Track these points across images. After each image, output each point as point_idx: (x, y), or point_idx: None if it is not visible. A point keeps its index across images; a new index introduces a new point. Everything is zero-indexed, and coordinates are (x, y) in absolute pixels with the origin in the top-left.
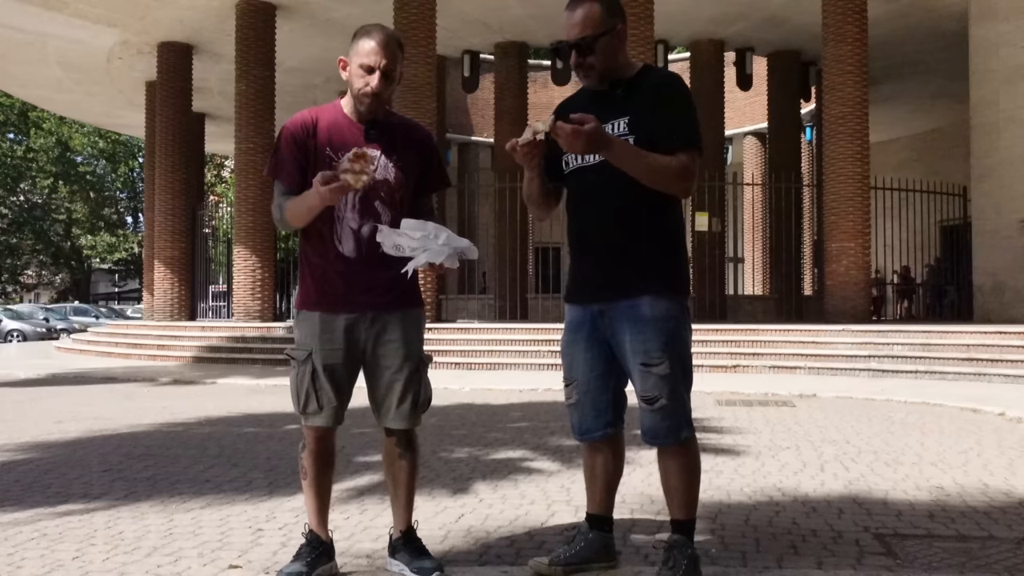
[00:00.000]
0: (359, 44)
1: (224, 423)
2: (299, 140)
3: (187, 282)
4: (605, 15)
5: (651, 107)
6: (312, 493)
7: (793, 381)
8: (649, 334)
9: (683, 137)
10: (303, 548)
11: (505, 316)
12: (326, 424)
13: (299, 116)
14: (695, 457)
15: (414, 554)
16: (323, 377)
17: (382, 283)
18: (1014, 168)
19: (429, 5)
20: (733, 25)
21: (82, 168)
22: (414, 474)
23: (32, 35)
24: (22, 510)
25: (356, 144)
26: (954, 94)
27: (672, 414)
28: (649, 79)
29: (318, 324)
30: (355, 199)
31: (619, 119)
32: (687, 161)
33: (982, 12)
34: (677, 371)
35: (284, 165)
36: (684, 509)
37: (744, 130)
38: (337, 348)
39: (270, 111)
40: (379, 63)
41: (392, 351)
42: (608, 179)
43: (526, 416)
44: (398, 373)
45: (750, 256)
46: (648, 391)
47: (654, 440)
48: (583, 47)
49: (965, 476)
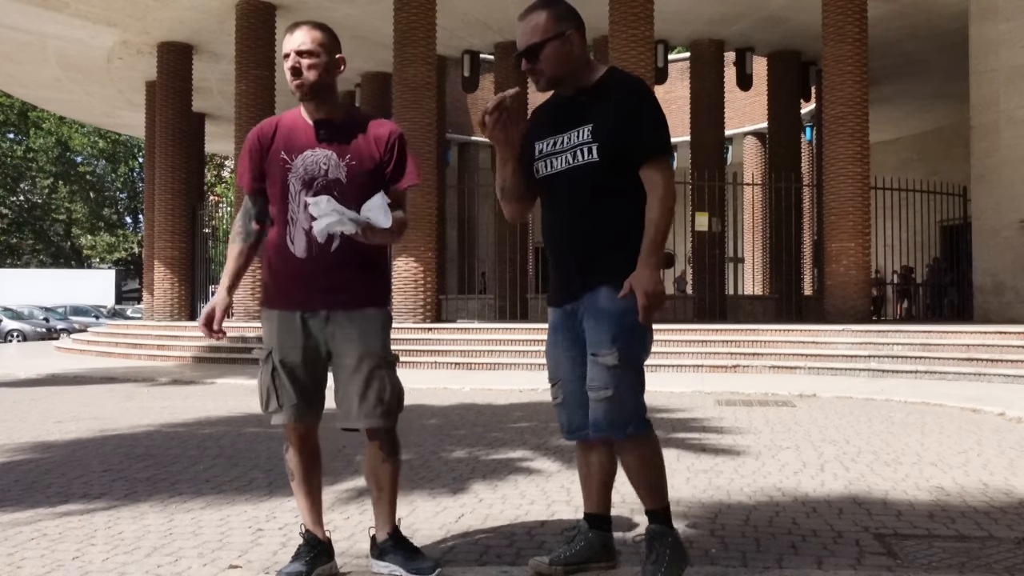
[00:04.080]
0: (284, 41)
1: (224, 423)
2: (253, 150)
3: (187, 282)
4: (553, 22)
5: (615, 116)
6: (301, 492)
7: (793, 381)
8: (603, 325)
9: (651, 148)
10: (301, 548)
11: (505, 316)
12: (287, 421)
13: (261, 124)
14: (649, 450)
15: (408, 555)
16: (283, 375)
17: (333, 282)
18: (1014, 168)
19: (429, 5)
20: (733, 25)
21: (82, 168)
22: (397, 476)
23: (32, 35)
24: (22, 510)
25: (308, 145)
26: (954, 94)
27: (616, 407)
28: (613, 87)
29: (276, 322)
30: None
31: (583, 127)
32: (660, 178)
33: (982, 12)
34: (625, 365)
35: (243, 173)
36: (651, 498)
37: (744, 130)
38: (295, 346)
39: (270, 111)
40: (297, 48)
41: (348, 350)
42: (571, 183)
43: (526, 416)
44: (356, 372)
45: (750, 256)
46: (593, 380)
47: (597, 432)
48: (529, 54)
49: (965, 476)
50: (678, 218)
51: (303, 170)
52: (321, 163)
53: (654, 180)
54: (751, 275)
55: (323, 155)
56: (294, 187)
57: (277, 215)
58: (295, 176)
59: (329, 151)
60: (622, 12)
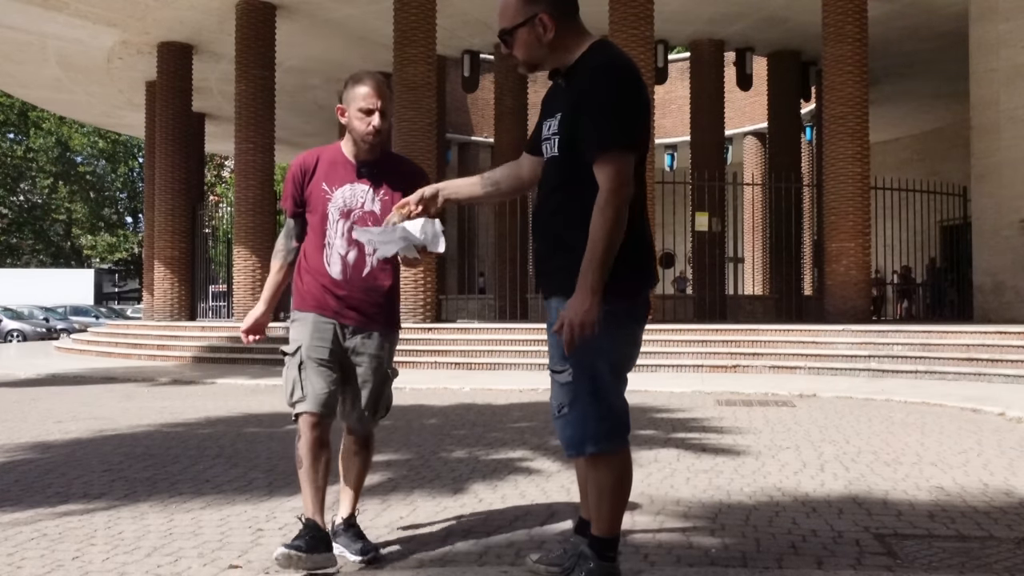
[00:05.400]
0: (355, 90)
1: (224, 423)
2: (296, 179)
3: (187, 282)
4: (521, 6)
5: (575, 104)
6: (307, 481)
7: (793, 381)
8: (555, 339)
9: (595, 140)
10: (302, 530)
11: (505, 316)
12: (312, 409)
13: (303, 156)
14: (610, 475)
15: (353, 538)
16: (310, 367)
17: (364, 305)
18: (1014, 168)
19: (429, 5)
20: (733, 25)
21: (82, 168)
22: (365, 470)
23: (32, 35)
24: (22, 510)
25: (348, 180)
26: (954, 94)
27: (573, 424)
28: (582, 67)
29: (311, 323)
30: (344, 228)
31: (556, 116)
32: (603, 178)
33: (982, 12)
34: (582, 381)
35: (287, 199)
36: (594, 524)
37: (744, 130)
38: (324, 345)
39: (270, 111)
40: (376, 104)
41: (365, 363)
42: (542, 180)
43: (526, 416)
44: (366, 384)
45: (750, 256)
46: (553, 397)
47: (562, 447)
48: (503, 40)
49: (965, 476)
50: (678, 218)
51: (342, 201)
52: (359, 196)
53: (599, 182)
54: (751, 275)
55: (361, 190)
56: (332, 215)
57: (316, 239)
58: (334, 206)
59: (366, 186)
60: (622, 12)
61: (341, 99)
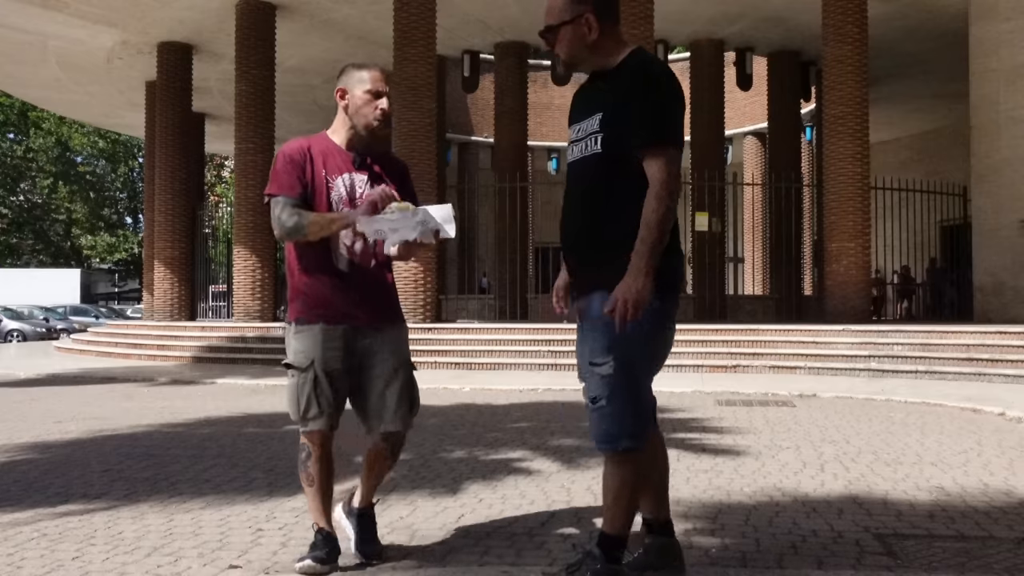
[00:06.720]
0: (361, 73)
1: (224, 423)
2: (296, 160)
3: (187, 282)
4: (569, 4)
5: (622, 102)
6: (320, 496)
7: (793, 381)
8: (598, 332)
9: (644, 135)
10: (320, 541)
11: (505, 316)
12: (325, 427)
13: (295, 143)
14: (628, 474)
15: (365, 533)
16: (324, 383)
17: (373, 297)
18: (1014, 168)
19: (429, 5)
20: (733, 25)
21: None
22: (387, 473)
23: (32, 35)
24: (22, 510)
25: (347, 169)
26: (954, 94)
27: (610, 418)
28: (626, 70)
29: (320, 334)
30: None
31: (595, 115)
32: (655, 170)
33: (982, 12)
34: (622, 374)
35: (287, 179)
36: (607, 522)
37: (744, 130)
38: (337, 356)
39: (270, 111)
40: (385, 88)
41: (383, 360)
42: (576, 176)
43: (526, 416)
44: (393, 380)
45: (750, 256)
46: (591, 391)
47: (594, 442)
48: (546, 36)
49: (965, 476)
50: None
51: (344, 191)
52: (359, 186)
53: (650, 173)
54: (751, 275)
55: (359, 179)
56: (336, 206)
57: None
58: (336, 195)
59: (363, 176)
60: (622, 12)
61: (339, 83)
